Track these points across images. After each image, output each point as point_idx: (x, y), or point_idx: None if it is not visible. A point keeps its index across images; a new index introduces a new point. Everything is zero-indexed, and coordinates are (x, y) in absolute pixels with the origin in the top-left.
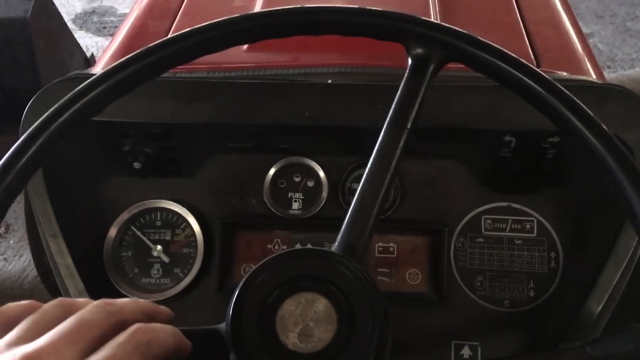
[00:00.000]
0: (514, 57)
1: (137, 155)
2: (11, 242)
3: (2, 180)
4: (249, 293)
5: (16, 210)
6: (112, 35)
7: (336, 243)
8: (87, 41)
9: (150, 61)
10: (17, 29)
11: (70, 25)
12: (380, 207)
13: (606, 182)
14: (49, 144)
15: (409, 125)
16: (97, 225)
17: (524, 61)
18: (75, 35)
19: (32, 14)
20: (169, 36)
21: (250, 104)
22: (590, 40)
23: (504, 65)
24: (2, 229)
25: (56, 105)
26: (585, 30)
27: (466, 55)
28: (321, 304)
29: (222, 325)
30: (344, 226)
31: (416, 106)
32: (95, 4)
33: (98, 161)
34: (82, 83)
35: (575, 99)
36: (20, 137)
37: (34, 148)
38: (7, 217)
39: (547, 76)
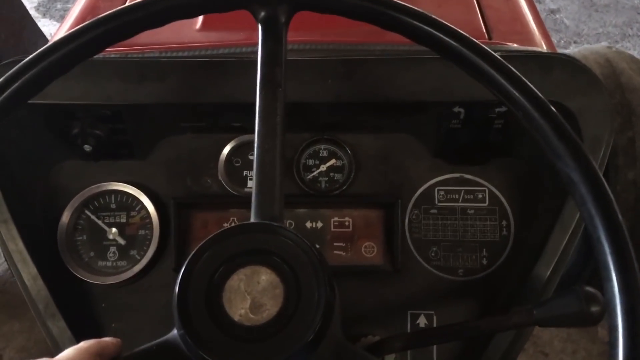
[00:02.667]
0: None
1: (87, 138)
2: None
3: None
4: (189, 287)
5: None
6: None
7: (252, 214)
8: (50, 29)
9: (83, 41)
10: None
11: (33, 13)
12: (282, 170)
13: (544, 149)
14: None
15: (280, 83)
16: (49, 210)
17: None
18: (39, 23)
19: None
20: (104, 14)
21: (202, 82)
22: (557, 16)
23: (379, 8)
24: None
25: None
26: (552, 6)
27: (309, 2)
28: (263, 274)
29: (172, 334)
30: (253, 197)
31: (283, 65)
32: None
33: (48, 145)
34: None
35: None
36: None
37: None
38: None
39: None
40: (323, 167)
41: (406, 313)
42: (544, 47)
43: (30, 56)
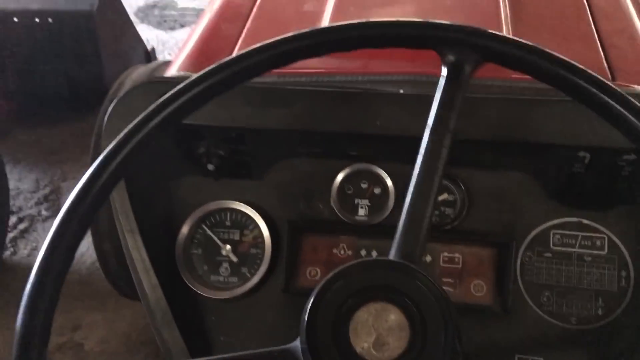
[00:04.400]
0: (551, 53)
1: (212, 158)
2: None
3: (99, 178)
4: (320, 307)
5: None
6: (171, 28)
7: (392, 250)
8: (147, 34)
9: (231, 71)
10: (83, 22)
11: (132, 18)
12: (432, 213)
13: None
14: (141, 146)
15: (450, 129)
16: (170, 222)
17: (564, 57)
18: (137, 28)
19: (98, 8)
20: (260, 44)
21: (322, 111)
22: None
23: (541, 60)
24: None
25: (149, 109)
26: None
27: (498, 54)
28: (393, 313)
29: (294, 344)
30: (398, 233)
31: (456, 110)
32: None
33: (174, 161)
34: (161, 88)
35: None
36: (110, 141)
37: (129, 147)
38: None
39: (598, 76)
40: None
41: (513, 357)
42: None
43: (196, 76)
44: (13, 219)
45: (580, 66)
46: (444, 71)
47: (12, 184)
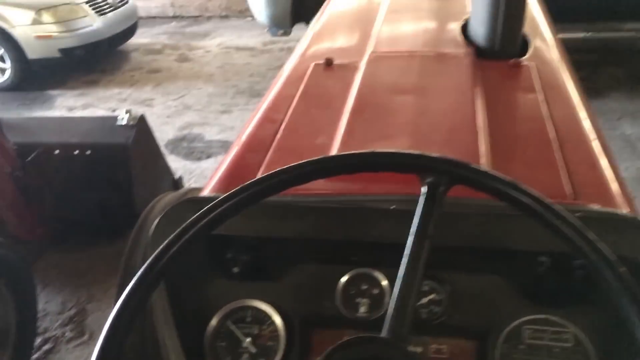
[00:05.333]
0: (503, 178)
1: (237, 262)
2: None
3: (145, 280)
4: None
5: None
6: (198, 159)
7: (384, 329)
8: (175, 164)
9: (254, 191)
10: (119, 154)
11: (162, 150)
12: (415, 301)
13: (615, 301)
14: (182, 251)
15: (429, 235)
16: (200, 317)
17: (514, 180)
18: (167, 159)
19: (132, 141)
20: (279, 169)
21: (328, 224)
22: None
23: (496, 185)
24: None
25: (189, 220)
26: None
27: (463, 178)
28: None
29: None
30: (387, 317)
31: (433, 221)
32: (185, 131)
33: (205, 265)
34: (197, 205)
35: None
36: (155, 249)
37: (174, 249)
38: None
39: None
40: (424, 300)
41: None
42: (624, 209)
43: (223, 195)
44: (38, 340)
45: (524, 187)
46: (423, 190)
47: (40, 305)
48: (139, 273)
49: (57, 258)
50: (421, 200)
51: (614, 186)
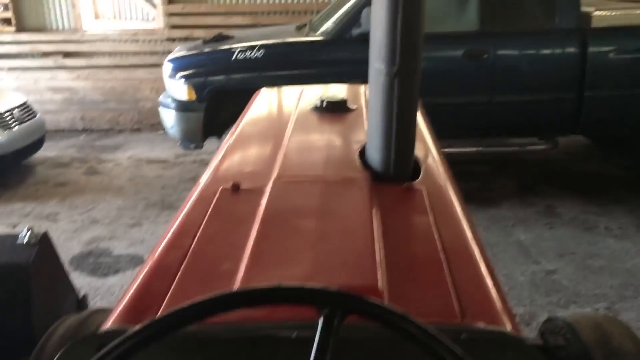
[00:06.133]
0: (387, 307)
1: None
2: None
3: None
4: None
5: None
6: (105, 275)
7: None
8: (80, 281)
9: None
10: (17, 274)
11: (66, 266)
12: None
13: None
14: None
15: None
16: None
17: (400, 310)
18: (71, 276)
19: (33, 260)
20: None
21: (232, 352)
22: (554, 277)
23: (388, 317)
24: None
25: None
26: (549, 267)
27: (355, 310)
28: None
29: None
30: None
31: (330, 346)
32: (92, 246)
33: None
34: (97, 343)
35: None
36: None
37: None
38: None
39: (419, 322)
40: None
41: None
42: (507, 325)
43: (122, 337)
44: None
45: (412, 318)
46: (320, 319)
47: None
48: None
49: None
50: (318, 331)
51: (498, 304)
